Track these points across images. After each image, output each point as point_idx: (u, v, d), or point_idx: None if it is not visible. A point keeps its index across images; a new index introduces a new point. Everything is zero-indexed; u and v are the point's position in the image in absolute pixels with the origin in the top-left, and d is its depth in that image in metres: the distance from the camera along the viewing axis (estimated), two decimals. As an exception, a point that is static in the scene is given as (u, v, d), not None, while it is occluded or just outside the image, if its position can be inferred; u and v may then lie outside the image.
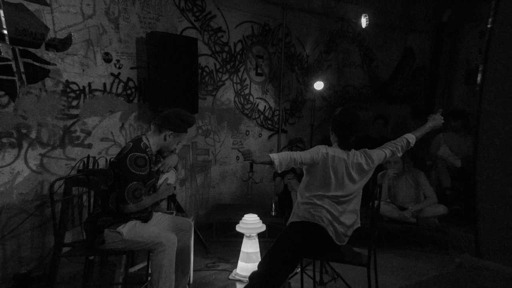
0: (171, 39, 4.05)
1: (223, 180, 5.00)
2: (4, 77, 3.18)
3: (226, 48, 4.84)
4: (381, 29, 6.29)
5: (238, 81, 5.01)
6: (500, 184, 1.84)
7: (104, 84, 3.88)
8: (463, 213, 4.63)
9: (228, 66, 4.88)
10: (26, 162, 3.41)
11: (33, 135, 3.44)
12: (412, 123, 6.50)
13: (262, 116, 5.28)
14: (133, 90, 4.09)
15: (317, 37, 5.66)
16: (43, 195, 3.48)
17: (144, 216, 2.64)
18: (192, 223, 2.96)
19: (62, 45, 3.55)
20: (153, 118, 4.16)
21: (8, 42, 3.14)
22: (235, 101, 5.01)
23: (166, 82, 4.00)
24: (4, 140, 3.28)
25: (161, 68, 3.96)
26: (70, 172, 3.59)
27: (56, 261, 2.91)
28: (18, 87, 3.28)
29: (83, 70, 3.73)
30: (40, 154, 3.50)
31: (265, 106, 5.30)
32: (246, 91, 5.10)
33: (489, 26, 1.64)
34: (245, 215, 3.46)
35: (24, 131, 3.39)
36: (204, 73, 4.68)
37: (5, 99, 3.25)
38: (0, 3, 3.00)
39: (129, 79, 4.05)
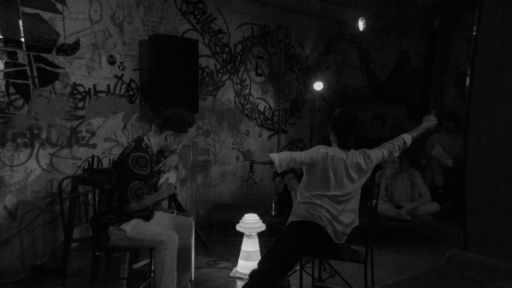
0: (173, 41, 4.15)
1: (223, 180, 5.10)
2: (20, 81, 3.38)
3: (227, 49, 4.94)
4: (378, 33, 6.41)
5: (238, 81, 5.10)
6: (486, 182, 1.95)
7: (108, 86, 3.99)
8: (454, 210, 4.79)
9: (228, 67, 4.98)
10: (37, 161, 3.56)
11: (43, 135, 3.59)
12: (408, 124, 6.63)
13: (262, 116, 5.38)
14: (135, 91, 4.19)
15: (316, 39, 5.77)
16: (53, 192, 3.63)
17: (146, 215, 2.70)
18: (193, 222, 3.03)
19: (71, 49, 3.71)
20: (154, 118, 4.26)
21: (24, 49, 3.33)
22: (235, 101, 5.10)
23: (167, 83, 4.09)
24: (19, 140, 3.45)
25: (162, 69, 4.06)
26: (76, 171, 3.71)
27: (66, 255, 3.04)
28: (31, 90, 3.46)
29: (89, 73, 3.85)
30: (49, 154, 3.63)
31: (265, 106, 5.39)
32: (246, 91, 5.19)
33: (474, 34, 1.76)
34: (245, 215, 3.50)
35: (36, 131, 3.54)
36: (205, 74, 4.77)
37: (20, 102, 3.43)
38: (20, 14, 3.20)
39: (131, 80, 4.15)
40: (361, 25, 5.58)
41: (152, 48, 4.07)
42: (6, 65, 3.28)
